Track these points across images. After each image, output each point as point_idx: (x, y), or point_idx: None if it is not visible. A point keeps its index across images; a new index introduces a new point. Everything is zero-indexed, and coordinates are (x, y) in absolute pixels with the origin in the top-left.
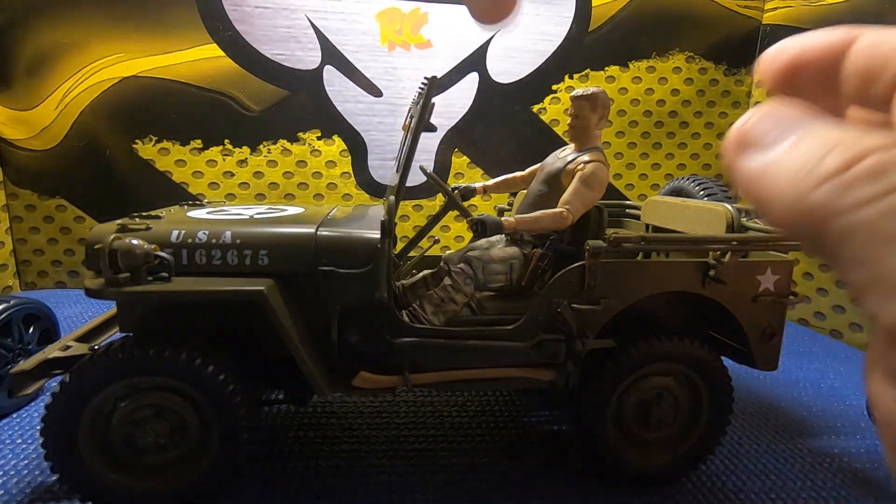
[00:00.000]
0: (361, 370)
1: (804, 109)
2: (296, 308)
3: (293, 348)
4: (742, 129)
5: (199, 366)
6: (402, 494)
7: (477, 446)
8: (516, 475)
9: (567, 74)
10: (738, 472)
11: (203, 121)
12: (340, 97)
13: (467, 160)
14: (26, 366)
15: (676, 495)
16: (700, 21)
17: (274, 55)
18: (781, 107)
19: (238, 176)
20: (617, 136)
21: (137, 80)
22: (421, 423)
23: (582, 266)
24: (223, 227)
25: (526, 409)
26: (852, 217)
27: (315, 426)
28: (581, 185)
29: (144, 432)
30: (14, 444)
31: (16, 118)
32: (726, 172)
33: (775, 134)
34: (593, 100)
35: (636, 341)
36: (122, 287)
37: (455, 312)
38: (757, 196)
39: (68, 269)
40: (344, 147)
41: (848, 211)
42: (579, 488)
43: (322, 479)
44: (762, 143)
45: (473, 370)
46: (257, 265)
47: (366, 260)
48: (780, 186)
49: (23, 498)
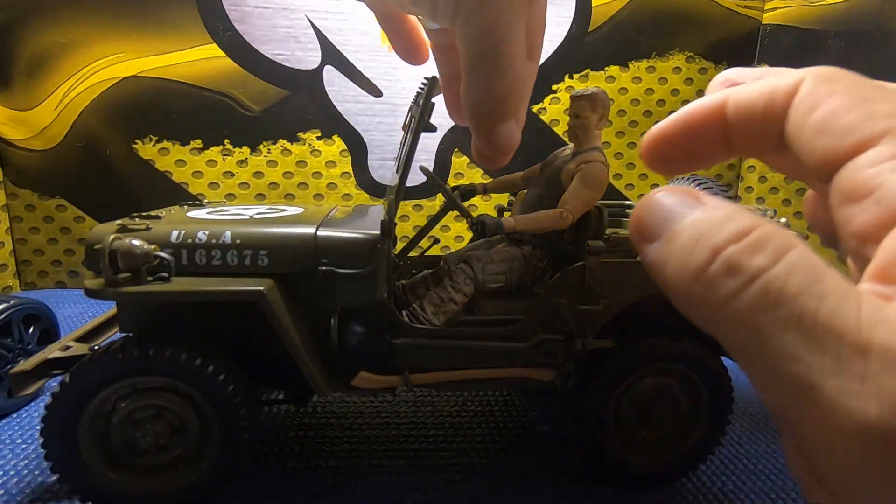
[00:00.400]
0: (361, 370)
1: (684, 194)
2: (296, 308)
3: (293, 348)
4: (634, 222)
5: (198, 366)
6: (402, 494)
7: (477, 446)
8: (516, 475)
9: (567, 74)
10: (738, 472)
11: (203, 121)
12: (340, 97)
13: (467, 160)
14: (26, 366)
15: (676, 495)
16: (700, 21)
17: (274, 55)
18: (661, 196)
19: (238, 176)
20: (617, 136)
21: (137, 80)
22: (421, 423)
23: (582, 266)
24: (223, 228)
25: (526, 409)
26: (724, 312)
27: (315, 426)
28: (581, 185)
29: (144, 432)
30: (14, 444)
31: (16, 118)
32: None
33: (659, 224)
34: (593, 100)
35: (636, 341)
36: (122, 287)
37: (455, 312)
38: (660, 284)
39: (68, 269)
40: (344, 147)
41: (718, 307)
42: (579, 488)
43: (322, 479)
44: (651, 234)
45: (473, 370)
46: (257, 265)
47: (366, 260)
48: (669, 279)
49: (23, 498)
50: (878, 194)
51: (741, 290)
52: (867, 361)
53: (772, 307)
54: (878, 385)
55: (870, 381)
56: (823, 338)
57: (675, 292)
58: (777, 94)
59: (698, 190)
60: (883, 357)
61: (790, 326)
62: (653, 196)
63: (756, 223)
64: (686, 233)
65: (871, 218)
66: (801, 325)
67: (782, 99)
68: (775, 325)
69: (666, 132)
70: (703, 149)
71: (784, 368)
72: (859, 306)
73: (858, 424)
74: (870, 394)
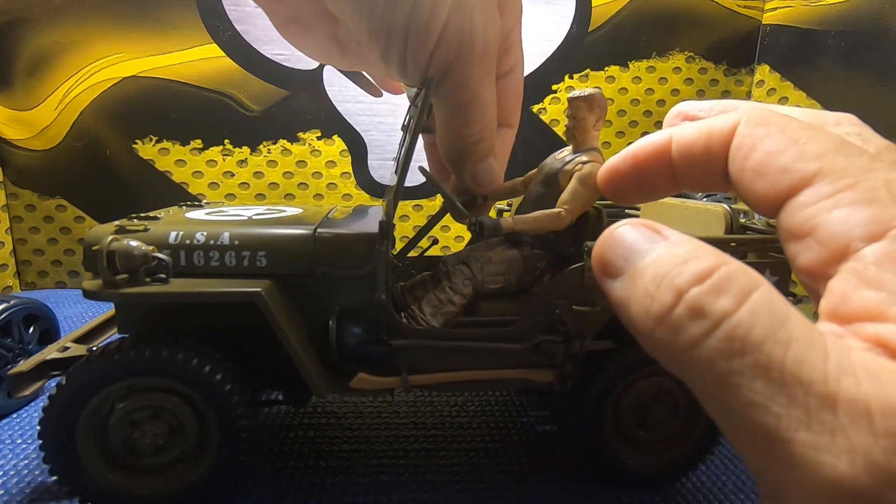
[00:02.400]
0: (360, 371)
1: (645, 229)
2: (294, 309)
3: (291, 349)
4: (596, 257)
5: (196, 366)
6: (402, 494)
7: (477, 446)
8: (516, 475)
9: (567, 74)
10: (738, 472)
11: (203, 121)
12: (340, 97)
13: None
14: (24, 367)
15: (676, 495)
16: (700, 21)
17: (274, 55)
18: (624, 231)
19: (238, 176)
20: (617, 136)
21: (137, 80)
22: (421, 423)
23: (581, 267)
24: (221, 228)
25: (526, 409)
26: (691, 356)
27: (315, 426)
28: (579, 186)
29: (142, 433)
30: (14, 444)
31: (16, 118)
32: None
33: (621, 261)
34: (590, 101)
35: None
36: (120, 288)
37: (453, 314)
38: (624, 321)
39: (68, 269)
40: (344, 147)
41: (685, 351)
42: (579, 488)
43: (322, 479)
44: (613, 271)
45: (472, 371)
46: (255, 266)
47: (364, 261)
48: (633, 319)
49: (23, 498)
50: (818, 234)
51: (706, 335)
52: (836, 414)
53: (738, 354)
54: (847, 439)
55: (840, 434)
56: (792, 388)
57: (640, 334)
58: (714, 136)
59: (658, 224)
60: (851, 410)
61: (757, 375)
62: (614, 230)
63: (718, 262)
64: (649, 271)
65: (814, 256)
66: (769, 374)
67: (719, 141)
68: (742, 373)
69: (617, 168)
70: (651, 183)
71: (752, 419)
72: (826, 354)
73: (830, 481)
74: (840, 448)
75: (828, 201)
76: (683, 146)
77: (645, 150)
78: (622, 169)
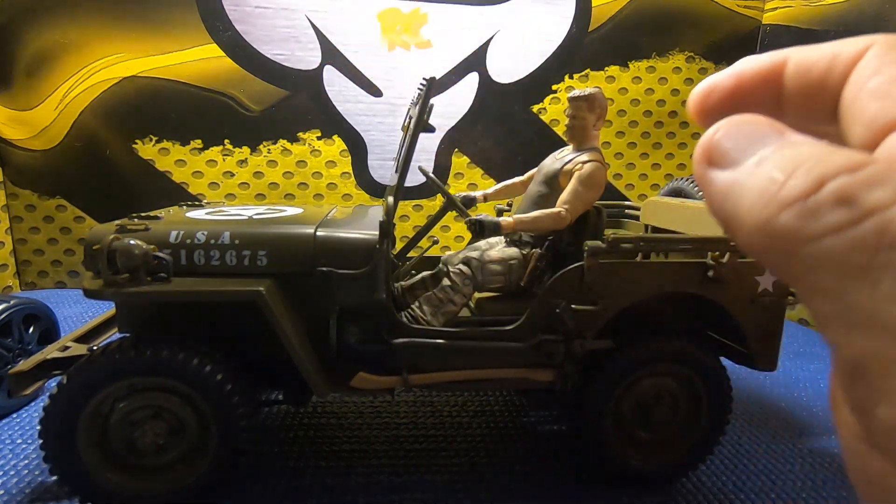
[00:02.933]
0: (360, 371)
1: (770, 123)
2: (294, 309)
3: (291, 349)
4: (707, 145)
5: (196, 366)
6: (402, 494)
7: (477, 446)
8: (516, 475)
9: (567, 74)
10: (738, 472)
11: (203, 121)
12: (340, 97)
13: (467, 160)
14: (24, 367)
15: (676, 495)
16: (700, 21)
17: (274, 55)
18: (747, 120)
19: (238, 176)
20: (617, 136)
21: (137, 80)
22: (421, 423)
23: (580, 267)
24: (222, 228)
25: (526, 409)
26: (817, 247)
27: (315, 426)
28: (579, 186)
29: (143, 433)
30: (14, 444)
31: (16, 118)
32: (700, 185)
33: (740, 150)
34: (590, 100)
35: (635, 342)
36: (121, 288)
37: (454, 313)
38: (723, 216)
39: (68, 269)
40: (344, 147)
41: (813, 240)
42: (579, 488)
43: (322, 479)
44: (727, 160)
45: (472, 371)
46: (256, 266)
47: (364, 261)
48: (745, 208)
49: (23, 498)
50: None
51: (850, 224)
52: None
53: (886, 248)
54: None
55: None
56: None
57: (750, 225)
58: (840, 57)
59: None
60: None
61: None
62: (735, 118)
63: (871, 159)
64: (780, 156)
65: None
66: None
67: (844, 62)
68: (887, 268)
69: (716, 86)
70: (750, 109)
71: (890, 313)
72: None
73: None
74: None
75: None
76: (802, 67)
77: (754, 68)
78: (722, 88)
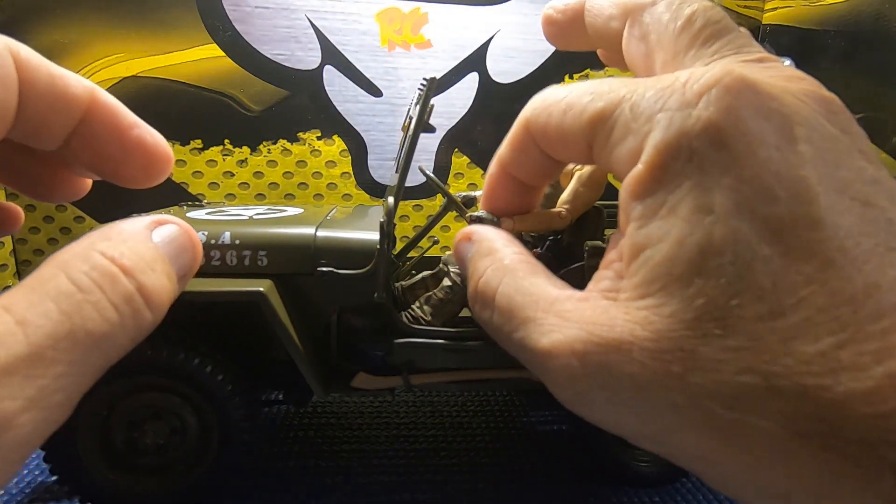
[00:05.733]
0: (360, 371)
1: (472, 244)
2: (294, 309)
3: (292, 349)
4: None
5: (197, 366)
6: (402, 494)
7: (477, 446)
8: (516, 475)
9: (567, 74)
10: None
11: (203, 121)
12: (340, 97)
13: (467, 160)
14: None
15: (676, 495)
16: None
17: (274, 55)
18: (461, 245)
19: (238, 176)
20: None
21: (137, 80)
22: (421, 423)
23: (581, 267)
24: (222, 228)
25: (525, 409)
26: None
27: (315, 426)
28: (579, 186)
29: (143, 433)
30: None
31: None
32: None
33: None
34: None
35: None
36: None
37: (454, 313)
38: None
39: None
40: (344, 147)
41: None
42: (579, 488)
43: (322, 479)
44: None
45: (472, 371)
46: (256, 266)
47: (365, 261)
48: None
49: (23, 498)
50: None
51: (487, 322)
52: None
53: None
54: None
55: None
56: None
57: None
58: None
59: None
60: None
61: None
62: (456, 242)
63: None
64: (470, 276)
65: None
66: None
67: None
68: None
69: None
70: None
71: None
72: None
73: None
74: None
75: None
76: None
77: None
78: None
